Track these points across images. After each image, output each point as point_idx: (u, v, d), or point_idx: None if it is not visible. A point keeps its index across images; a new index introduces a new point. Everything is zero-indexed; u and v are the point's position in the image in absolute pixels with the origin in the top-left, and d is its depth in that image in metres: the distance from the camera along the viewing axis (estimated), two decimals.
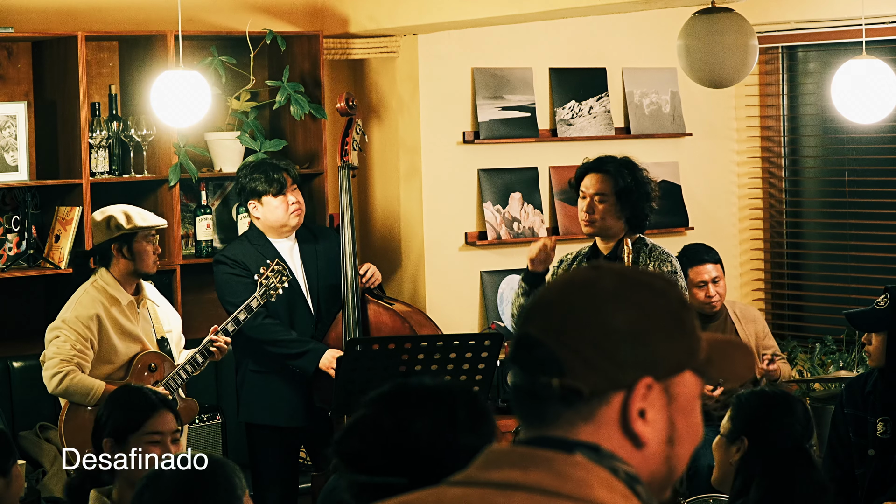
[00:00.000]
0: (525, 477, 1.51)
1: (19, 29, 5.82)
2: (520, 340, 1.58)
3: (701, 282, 6.10)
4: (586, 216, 5.06)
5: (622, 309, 1.55)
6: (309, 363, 5.54)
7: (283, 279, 5.45)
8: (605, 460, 1.53)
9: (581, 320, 1.55)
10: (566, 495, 1.49)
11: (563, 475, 1.50)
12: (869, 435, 4.73)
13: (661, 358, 1.56)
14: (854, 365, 6.67)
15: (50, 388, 5.11)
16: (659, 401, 1.56)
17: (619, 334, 1.54)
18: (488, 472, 1.53)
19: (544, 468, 1.51)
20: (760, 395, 3.66)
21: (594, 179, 5.07)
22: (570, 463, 1.52)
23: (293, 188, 5.70)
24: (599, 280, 1.58)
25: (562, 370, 1.54)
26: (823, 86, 6.92)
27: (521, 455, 1.54)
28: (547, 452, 1.53)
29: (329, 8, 6.58)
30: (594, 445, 1.54)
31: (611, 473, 1.52)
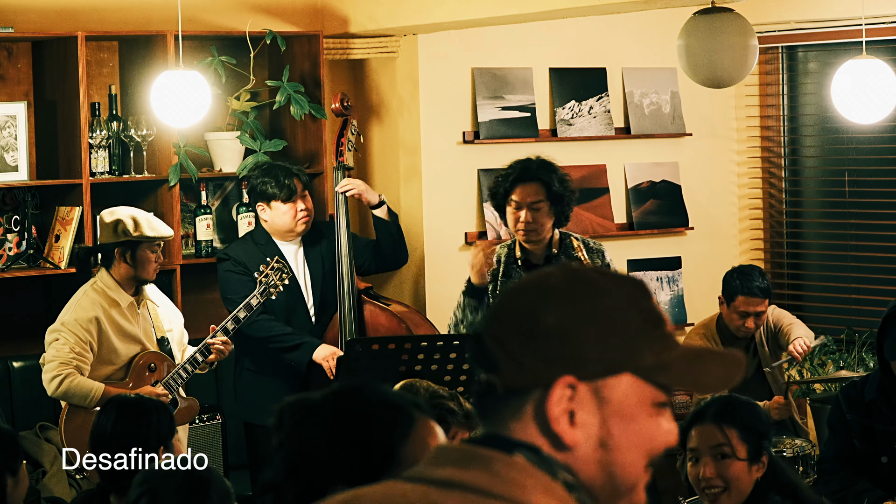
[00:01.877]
0: (463, 475, 1.49)
1: (19, 29, 5.82)
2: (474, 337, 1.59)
3: (745, 312, 5.93)
4: (524, 225, 5.10)
5: (557, 306, 1.52)
6: (303, 355, 5.55)
7: (283, 276, 5.45)
8: (545, 463, 1.51)
9: (517, 315, 1.54)
10: (500, 496, 1.47)
11: (499, 476, 1.49)
12: (878, 443, 4.71)
13: (589, 357, 1.51)
14: (854, 365, 6.67)
15: (49, 390, 5.12)
16: (589, 402, 1.52)
17: (546, 329, 1.51)
18: (433, 470, 1.52)
19: (482, 468, 1.50)
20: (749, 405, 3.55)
21: (527, 189, 5.12)
22: (507, 464, 1.50)
23: (303, 195, 5.70)
24: (550, 277, 1.56)
25: (491, 364, 1.54)
26: (823, 86, 6.92)
27: (464, 453, 1.53)
28: (488, 452, 1.51)
29: (329, 8, 6.58)
30: (535, 447, 1.52)
31: (549, 477, 1.50)
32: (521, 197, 5.12)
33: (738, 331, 5.99)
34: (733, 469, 3.42)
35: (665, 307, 7.19)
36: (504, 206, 5.18)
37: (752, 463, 3.44)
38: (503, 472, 1.49)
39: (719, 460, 3.45)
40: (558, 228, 5.23)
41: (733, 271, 6.03)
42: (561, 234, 5.26)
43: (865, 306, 7.07)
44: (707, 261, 7.08)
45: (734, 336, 6.05)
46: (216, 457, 5.83)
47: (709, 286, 7.03)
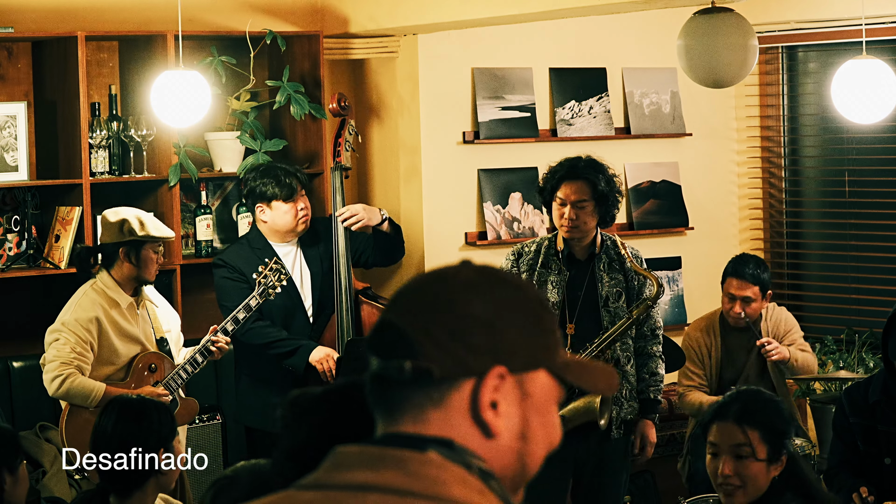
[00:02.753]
0: (377, 477, 1.48)
1: (19, 29, 5.82)
2: (377, 325, 1.57)
3: (731, 294, 6.00)
4: (568, 222, 5.13)
5: (479, 297, 1.54)
6: (300, 359, 5.56)
7: (280, 277, 5.46)
8: (458, 455, 1.51)
9: (437, 305, 1.54)
10: (420, 494, 1.47)
11: (416, 474, 1.48)
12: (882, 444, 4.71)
13: (516, 350, 1.54)
14: (854, 365, 6.67)
15: (50, 391, 5.12)
16: (512, 394, 1.54)
17: (473, 320, 1.53)
18: (339, 474, 1.51)
19: (396, 468, 1.49)
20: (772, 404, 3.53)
21: (573, 187, 5.15)
22: (422, 461, 1.49)
23: (302, 194, 5.71)
24: (460, 272, 1.57)
25: (414, 352, 1.52)
26: (823, 86, 6.92)
27: (373, 455, 1.51)
28: (399, 451, 1.51)
29: (329, 8, 6.58)
30: (447, 441, 1.52)
31: (464, 469, 1.50)
32: (567, 194, 5.14)
33: (729, 316, 6.03)
34: (752, 469, 3.43)
35: (665, 307, 7.19)
36: (550, 201, 5.20)
37: (770, 463, 3.44)
38: (420, 470, 1.49)
39: (739, 460, 3.44)
40: (602, 228, 5.25)
41: (734, 257, 6.11)
42: (602, 235, 5.27)
43: (865, 306, 7.08)
44: (707, 261, 7.08)
45: (733, 328, 6.07)
46: (216, 457, 5.83)
47: (709, 286, 7.03)
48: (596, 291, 5.19)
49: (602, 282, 5.20)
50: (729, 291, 6.02)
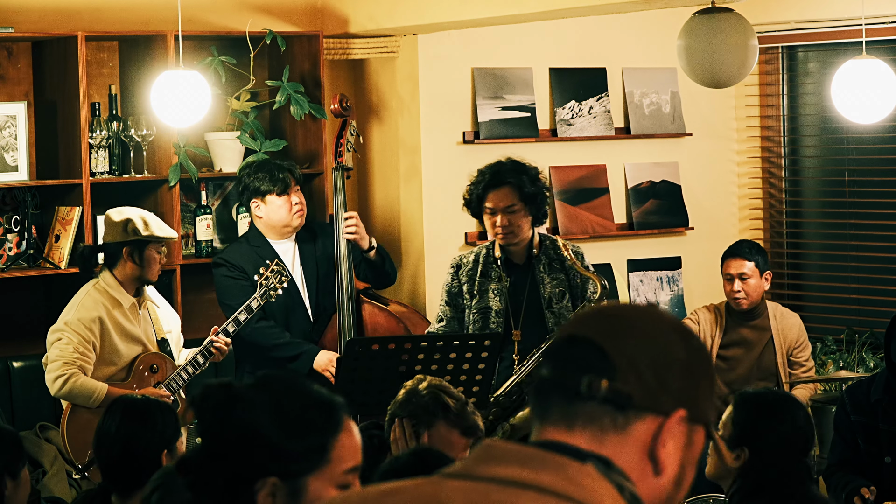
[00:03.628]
0: (534, 477, 1.51)
1: (19, 29, 5.82)
2: (569, 338, 1.60)
3: (728, 274, 6.18)
4: (502, 230, 5.13)
5: (682, 342, 1.60)
6: (303, 365, 5.56)
7: (282, 279, 5.46)
8: (614, 475, 1.54)
9: (643, 337, 1.59)
10: (577, 500, 1.49)
11: (576, 482, 1.51)
12: (883, 443, 4.71)
13: (700, 400, 1.60)
14: (854, 365, 6.68)
15: (53, 390, 5.12)
16: (681, 439, 1.60)
17: (675, 362, 1.59)
18: (489, 467, 1.53)
19: (556, 471, 1.51)
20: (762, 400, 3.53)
21: (499, 194, 5.15)
22: (582, 472, 1.52)
23: (296, 189, 5.72)
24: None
25: (613, 375, 1.56)
26: (823, 86, 6.92)
27: (530, 455, 1.54)
28: (558, 457, 1.53)
29: (329, 8, 6.58)
30: (606, 459, 1.55)
31: (616, 490, 1.53)
32: (495, 202, 5.14)
33: (731, 300, 6.16)
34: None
35: (665, 307, 7.20)
36: (480, 213, 5.19)
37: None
38: (577, 478, 1.51)
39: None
40: (536, 227, 5.26)
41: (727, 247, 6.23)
42: (540, 235, 5.27)
43: (865, 306, 7.07)
44: (707, 261, 7.08)
45: (739, 313, 6.15)
46: None
47: (709, 286, 7.04)
48: (539, 294, 5.18)
49: (544, 284, 5.19)
50: (727, 272, 6.19)
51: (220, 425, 2.01)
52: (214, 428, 2.02)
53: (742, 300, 6.14)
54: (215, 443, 2.01)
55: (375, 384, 4.78)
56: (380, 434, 3.80)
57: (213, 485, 2.00)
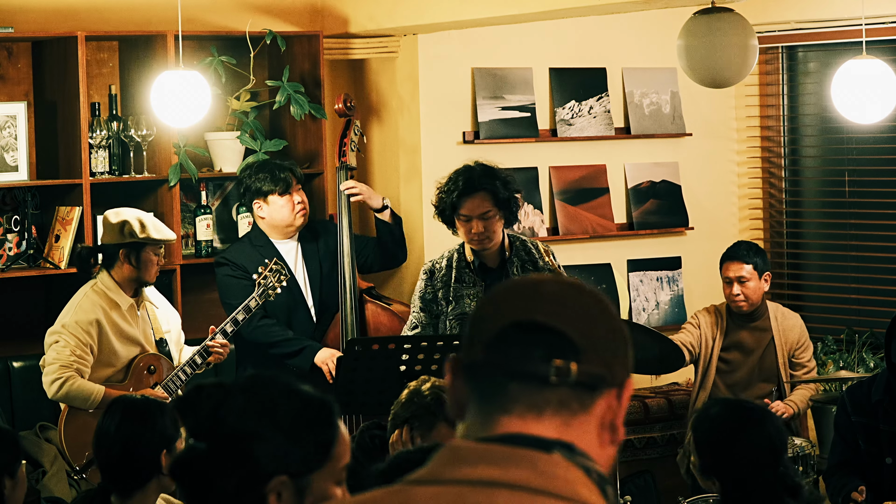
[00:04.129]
0: (505, 474, 1.49)
1: (19, 29, 5.82)
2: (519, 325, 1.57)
3: (727, 278, 6.17)
4: (477, 237, 5.13)
5: (611, 309, 1.62)
6: (305, 360, 5.56)
7: (281, 278, 5.45)
8: (578, 459, 1.54)
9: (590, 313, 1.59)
10: (554, 494, 1.49)
11: (547, 474, 1.50)
12: (883, 443, 4.71)
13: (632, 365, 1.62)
14: (854, 365, 6.68)
15: (49, 393, 5.11)
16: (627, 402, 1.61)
17: (617, 331, 1.60)
18: (459, 470, 1.51)
19: (526, 466, 1.50)
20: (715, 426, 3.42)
21: (474, 201, 5.15)
22: (551, 462, 1.51)
23: (298, 188, 5.72)
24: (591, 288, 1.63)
25: (579, 357, 1.55)
26: (823, 86, 6.92)
27: (497, 452, 1.52)
28: (525, 451, 1.52)
29: (329, 8, 6.58)
30: (569, 444, 1.54)
31: (584, 473, 1.53)
32: (470, 210, 5.13)
33: (731, 302, 6.14)
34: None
35: (665, 307, 7.19)
36: (452, 219, 5.18)
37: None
38: (551, 470, 1.51)
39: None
40: (507, 228, 5.27)
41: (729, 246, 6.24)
42: (509, 236, 5.27)
43: (865, 306, 7.07)
44: (707, 261, 7.08)
45: (740, 315, 6.15)
46: None
47: (709, 286, 7.04)
48: None
49: None
50: (726, 275, 6.17)
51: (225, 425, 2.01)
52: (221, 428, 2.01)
53: (742, 303, 6.13)
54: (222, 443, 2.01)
55: (375, 384, 4.78)
56: (381, 434, 3.81)
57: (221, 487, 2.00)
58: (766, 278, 6.19)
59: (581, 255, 6.94)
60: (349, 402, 5.08)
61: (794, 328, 6.25)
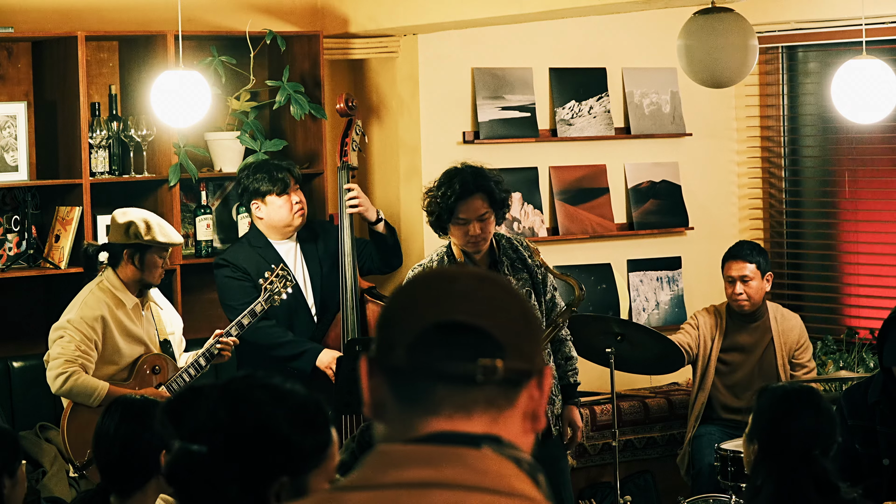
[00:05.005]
0: (439, 474, 1.49)
1: (19, 29, 5.82)
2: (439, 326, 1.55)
3: (729, 277, 6.17)
4: (474, 239, 5.10)
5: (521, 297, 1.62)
6: (306, 363, 5.55)
7: (286, 284, 5.45)
8: (508, 451, 1.54)
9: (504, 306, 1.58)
10: (489, 489, 1.48)
11: (481, 470, 1.50)
12: (881, 445, 4.71)
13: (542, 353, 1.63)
14: (854, 365, 6.68)
15: (54, 388, 5.12)
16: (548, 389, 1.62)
17: (531, 321, 1.60)
18: (390, 473, 1.50)
19: (457, 464, 1.50)
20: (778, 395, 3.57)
21: (473, 204, 5.09)
22: (481, 458, 1.51)
23: (296, 188, 5.71)
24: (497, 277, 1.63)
25: (503, 354, 1.55)
26: (823, 86, 6.92)
27: (428, 453, 1.51)
28: (455, 449, 1.51)
29: (329, 8, 6.58)
30: (496, 437, 1.54)
31: (515, 465, 1.53)
32: (468, 213, 5.08)
33: (733, 302, 6.14)
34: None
35: (665, 307, 7.19)
36: (447, 225, 5.11)
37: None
38: (481, 465, 1.50)
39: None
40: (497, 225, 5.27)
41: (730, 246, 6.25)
42: (496, 235, 5.27)
43: (865, 306, 7.07)
44: (707, 261, 7.08)
45: (741, 315, 6.16)
46: None
47: (709, 286, 7.04)
48: None
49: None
50: (728, 274, 6.18)
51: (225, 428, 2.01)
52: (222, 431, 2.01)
53: (744, 303, 6.14)
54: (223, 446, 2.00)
55: None
56: None
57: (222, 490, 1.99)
58: (768, 278, 6.20)
59: (581, 255, 6.94)
60: (349, 402, 5.08)
61: (793, 329, 6.26)
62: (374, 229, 5.84)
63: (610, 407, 6.02)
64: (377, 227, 5.84)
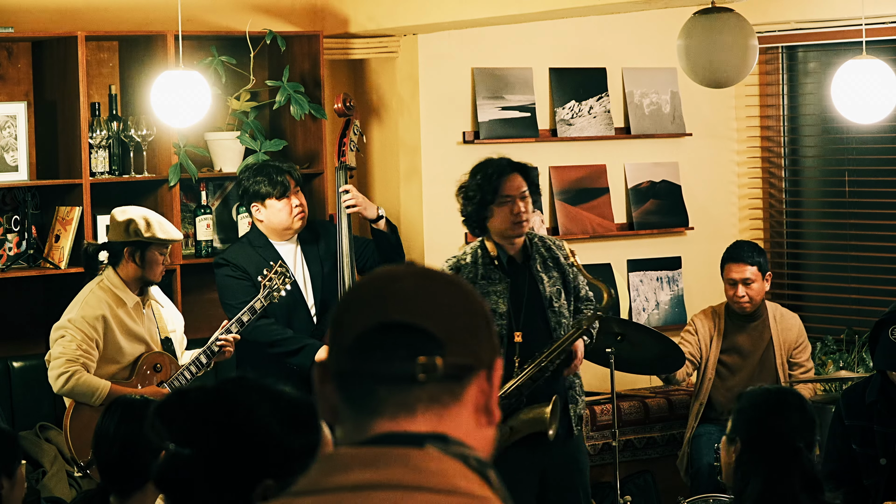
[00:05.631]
0: (380, 475, 1.49)
1: (19, 29, 5.82)
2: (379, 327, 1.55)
3: (731, 279, 6.14)
4: (521, 216, 5.04)
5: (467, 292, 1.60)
6: (306, 358, 5.55)
7: (285, 280, 5.45)
8: (453, 449, 1.53)
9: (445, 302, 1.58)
10: (429, 488, 1.48)
11: (422, 469, 1.50)
12: (878, 444, 4.70)
13: (497, 344, 1.62)
14: (854, 365, 6.68)
15: (55, 387, 5.12)
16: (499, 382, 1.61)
17: (476, 314, 1.59)
18: (336, 477, 1.51)
19: (400, 465, 1.50)
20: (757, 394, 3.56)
21: (517, 180, 5.06)
22: (424, 457, 1.51)
23: (296, 191, 5.70)
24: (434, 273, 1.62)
25: (443, 350, 1.55)
26: (823, 86, 6.92)
27: (372, 455, 1.52)
28: (398, 450, 1.52)
29: (329, 8, 6.58)
30: (441, 435, 1.54)
31: (461, 463, 1.52)
32: (513, 189, 5.03)
33: (733, 304, 6.14)
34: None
35: (665, 307, 7.19)
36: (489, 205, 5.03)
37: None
38: (423, 465, 1.50)
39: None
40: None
41: (728, 246, 6.21)
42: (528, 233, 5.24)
43: (865, 306, 7.07)
44: (707, 261, 7.08)
45: (740, 316, 6.16)
46: None
47: (709, 286, 7.04)
48: (539, 293, 5.10)
49: (543, 283, 5.12)
50: (729, 277, 6.16)
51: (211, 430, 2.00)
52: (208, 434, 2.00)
53: (746, 305, 6.15)
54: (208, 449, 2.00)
55: None
56: None
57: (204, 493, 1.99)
58: (768, 278, 6.21)
59: (581, 256, 6.91)
60: None
61: (792, 328, 6.26)
62: (375, 227, 5.84)
63: (610, 407, 6.02)
64: (378, 225, 5.83)
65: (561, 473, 5.13)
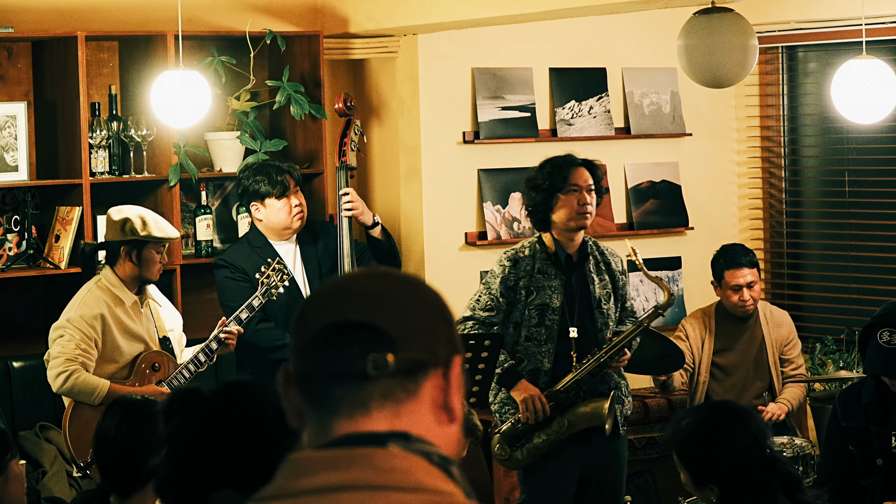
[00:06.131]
0: (346, 477, 1.50)
1: (19, 29, 5.82)
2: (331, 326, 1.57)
3: (736, 285, 6.14)
4: (587, 208, 5.07)
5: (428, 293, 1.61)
6: None
7: (283, 277, 5.46)
8: (416, 446, 1.54)
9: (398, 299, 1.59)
10: (395, 487, 1.49)
11: (385, 468, 1.51)
12: (875, 445, 4.70)
13: (458, 342, 1.62)
14: (854, 365, 6.68)
15: (55, 387, 5.12)
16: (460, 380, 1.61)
17: (433, 310, 1.59)
18: (301, 481, 1.51)
19: (365, 465, 1.51)
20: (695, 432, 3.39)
21: (584, 173, 5.11)
22: (388, 456, 1.52)
23: (296, 190, 5.70)
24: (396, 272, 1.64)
25: (394, 346, 1.55)
26: (823, 86, 6.92)
27: (335, 457, 1.53)
28: (362, 450, 1.53)
29: (329, 8, 6.58)
30: (403, 433, 1.55)
31: (424, 459, 1.53)
32: (582, 180, 5.07)
33: (737, 308, 6.17)
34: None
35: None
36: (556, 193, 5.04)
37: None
38: (387, 464, 1.51)
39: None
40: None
41: (717, 253, 6.29)
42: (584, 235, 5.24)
43: (865, 306, 7.07)
44: (707, 261, 7.06)
45: (732, 316, 6.15)
46: None
47: (709, 286, 7.03)
48: (589, 294, 5.17)
49: (594, 284, 5.17)
50: (733, 283, 6.14)
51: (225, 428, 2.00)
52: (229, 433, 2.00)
53: (751, 307, 6.19)
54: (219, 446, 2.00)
55: None
56: None
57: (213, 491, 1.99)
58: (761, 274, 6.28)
59: None
60: None
61: (782, 325, 6.28)
62: (370, 234, 5.84)
63: None
64: (373, 232, 5.84)
65: (604, 470, 5.18)
